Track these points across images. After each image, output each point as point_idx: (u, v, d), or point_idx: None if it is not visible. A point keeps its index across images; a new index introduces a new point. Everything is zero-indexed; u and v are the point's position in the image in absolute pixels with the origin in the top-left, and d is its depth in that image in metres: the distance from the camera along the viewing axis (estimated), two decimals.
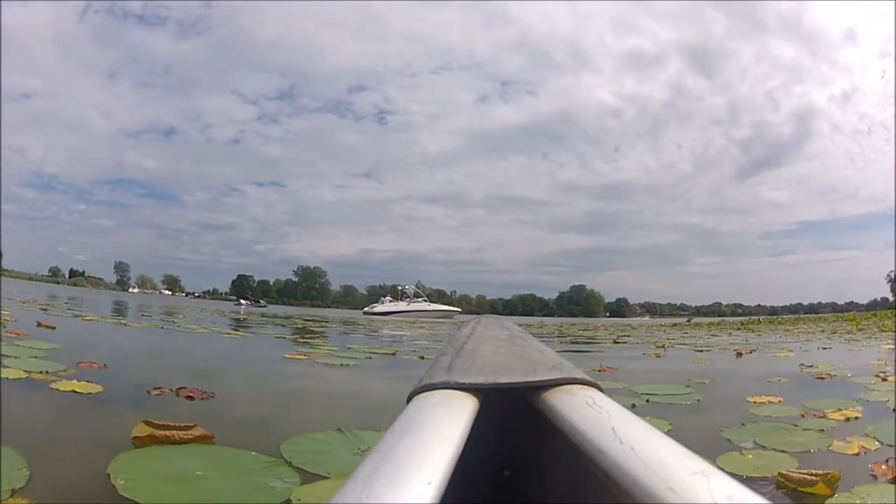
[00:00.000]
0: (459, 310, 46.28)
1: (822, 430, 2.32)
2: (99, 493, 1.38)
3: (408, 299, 44.64)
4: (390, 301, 43.88)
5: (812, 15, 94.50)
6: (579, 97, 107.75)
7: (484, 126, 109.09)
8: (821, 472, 1.52)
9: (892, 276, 60.33)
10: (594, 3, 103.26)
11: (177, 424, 1.82)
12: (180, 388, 2.71)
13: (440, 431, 0.39)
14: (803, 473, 1.54)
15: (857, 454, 1.90)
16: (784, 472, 1.60)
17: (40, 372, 2.83)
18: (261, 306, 41.79)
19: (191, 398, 2.61)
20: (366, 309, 41.82)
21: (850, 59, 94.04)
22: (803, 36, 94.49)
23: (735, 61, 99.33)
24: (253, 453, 1.74)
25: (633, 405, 2.90)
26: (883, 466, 1.67)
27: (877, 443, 2.02)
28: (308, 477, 1.61)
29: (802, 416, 2.64)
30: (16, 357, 3.14)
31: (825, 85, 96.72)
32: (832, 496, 1.46)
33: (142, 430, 1.78)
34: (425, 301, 44.86)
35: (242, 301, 48.57)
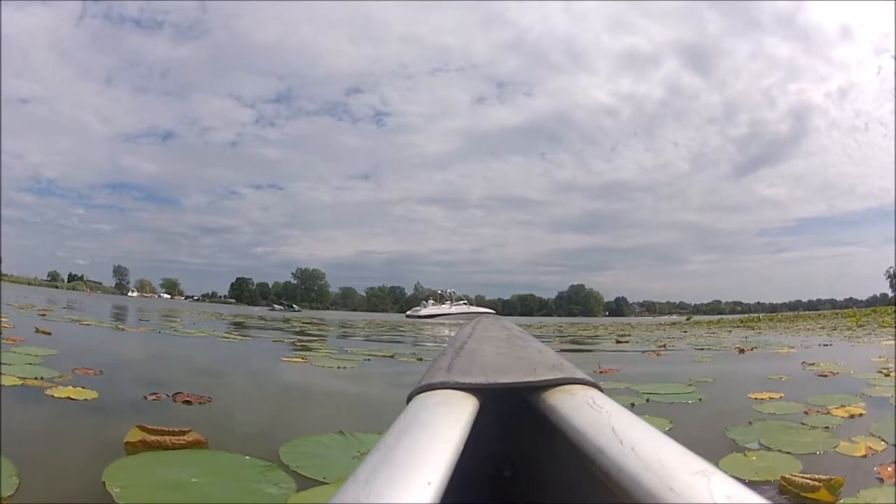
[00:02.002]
0: (494, 311, 47.87)
1: (828, 427, 2.30)
2: (95, 502, 1.34)
3: (449, 302, 46.41)
4: (433, 304, 45.60)
5: (807, 13, 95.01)
6: (576, 97, 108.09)
7: (481, 127, 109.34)
8: (824, 477, 1.50)
9: (892, 272, 60.50)
10: (590, 4, 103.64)
11: (170, 430, 1.80)
12: (177, 393, 2.69)
13: (440, 431, 0.39)
14: (806, 478, 1.51)
15: (864, 456, 1.87)
16: (787, 476, 1.57)
17: (35, 378, 2.80)
18: (294, 311, 42.83)
19: (188, 403, 2.59)
20: (409, 312, 43.78)
21: (846, 55, 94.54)
22: (798, 34, 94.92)
23: (730, 60, 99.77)
24: (247, 458, 1.72)
25: (633, 405, 2.87)
26: (889, 469, 1.64)
27: (883, 443, 1.99)
28: (305, 482, 1.58)
29: (806, 412, 2.62)
30: (11, 364, 3.11)
31: (821, 82, 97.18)
32: (835, 502, 1.44)
33: (134, 436, 1.75)
34: (466, 304, 46.74)
35: (276, 306, 50.56)
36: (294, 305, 55.11)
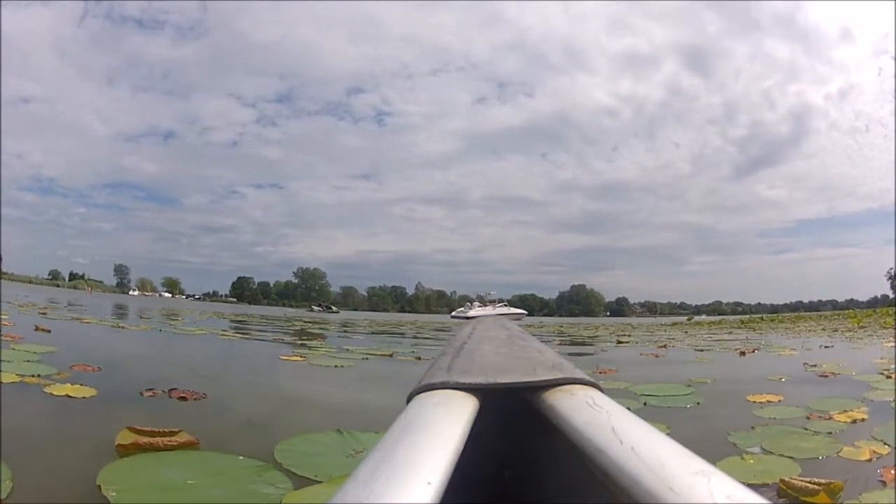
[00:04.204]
0: (526, 312, 52.68)
1: (831, 432, 2.28)
2: None
3: (492, 304, 50.69)
4: (479, 306, 49.52)
5: (806, 14, 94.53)
6: (576, 98, 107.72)
7: (482, 127, 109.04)
8: (823, 480, 1.49)
9: (893, 274, 60.44)
10: (588, 4, 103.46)
11: (161, 430, 1.79)
12: (172, 389, 2.69)
13: (440, 431, 0.39)
14: (805, 481, 1.50)
15: (868, 460, 1.85)
16: (786, 479, 1.56)
17: (33, 375, 2.79)
18: (333, 312, 44.67)
19: (183, 399, 2.60)
20: (454, 313, 47.76)
21: (846, 56, 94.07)
22: (798, 35, 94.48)
23: (730, 61, 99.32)
24: (240, 458, 1.71)
25: (628, 408, 2.83)
26: (892, 472, 1.62)
27: (886, 447, 1.97)
28: (300, 482, 1.58)
29: (808, 417, 2.60)
30: (9, 361, 3.10)
31: (821, 83, 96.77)
32: None
33: (126, 438, 1.74)
34: (505, 305, 51.52)
35: (315, 307, 53.35)
36: (332, 307, 57.22)
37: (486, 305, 49.20)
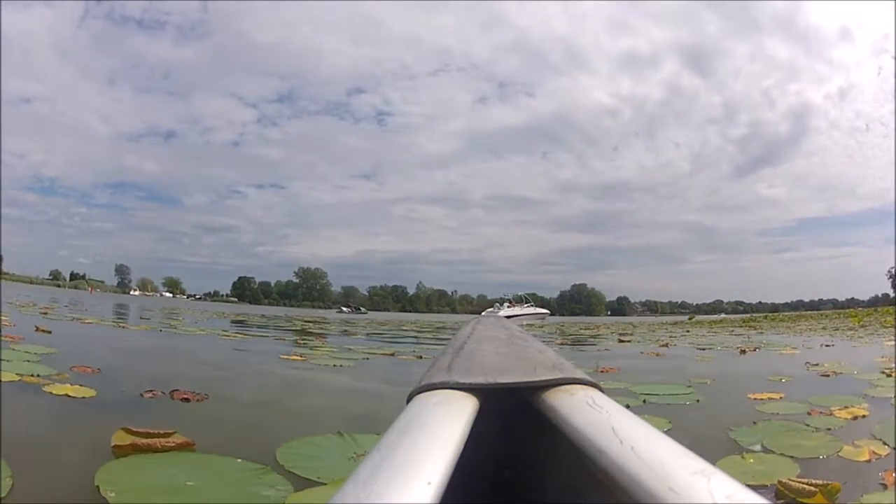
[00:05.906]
0: (549, 312, 55.38)
1: (830, 429, 2.28)
2: None
3: (520, 304, 53.36)
4: (508, 306, 51.46)
5: (806, 14, 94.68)
6: (577, 98, 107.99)
7: (482, 127, 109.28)
8: (820, 482, 1.49)
9: (893, 273, 60.45)
10: (589, 5, 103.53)
11: (157, 431, 1.79)
12: (174, 390, 2.69)
13: (440, 431, 0.39)
14: (803, 483, 1.51)
15: (868, 460, 1.84)
16: (784, 480, 1.56)
17: (33, 375, 2.80)
18: (361, 313, 45.17)
19: (186, 400, 2.60)
20: (484, 313, 48.18)
21: (846, 56, 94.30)
22: (798, 35, 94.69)
23: (730, 61, 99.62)
24: (238, 460, 1.70)
25: (627, 406, 2.82)
26: (894, 474, 1.61)
27: (886, 447, 1.97)
28: (301, 483, 1.57)
29: (809, 413, 2.59)
30: (9, 360, 3.11)
31: (821, 83, 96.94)
32: None
33: (122, 439, 1.73)
34: (531, 305, 54.45)
35: (344, 308, 54.23)
36: (361, 308, 57.92)
37: (514, 305, 51.25)
